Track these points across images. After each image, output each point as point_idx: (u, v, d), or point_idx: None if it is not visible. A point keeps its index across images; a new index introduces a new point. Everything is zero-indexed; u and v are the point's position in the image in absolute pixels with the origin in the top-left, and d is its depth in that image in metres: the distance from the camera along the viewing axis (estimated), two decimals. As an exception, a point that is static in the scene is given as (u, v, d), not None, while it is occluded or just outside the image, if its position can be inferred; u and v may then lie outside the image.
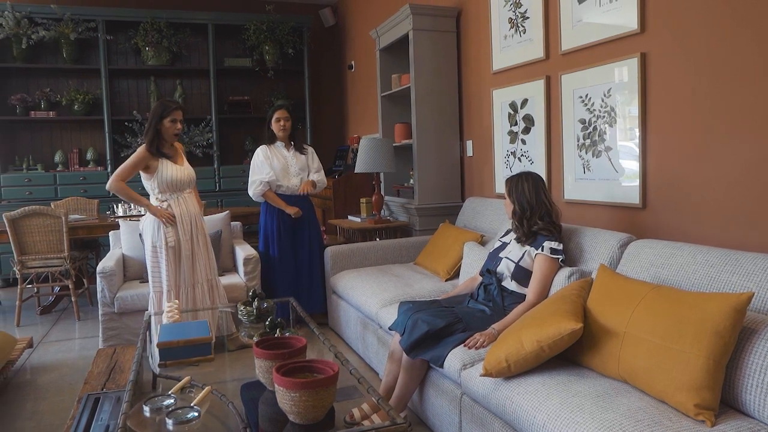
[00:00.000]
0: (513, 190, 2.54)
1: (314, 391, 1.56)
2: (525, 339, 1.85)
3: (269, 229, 3.93)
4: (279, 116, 3.87)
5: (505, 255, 2.58)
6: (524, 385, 1.83)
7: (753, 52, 2.16)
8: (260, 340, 1.91)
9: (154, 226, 3.09)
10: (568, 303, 1.96)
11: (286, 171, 3.85)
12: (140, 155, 3.07)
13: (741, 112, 2.23)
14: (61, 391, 3.05)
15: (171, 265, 3.09)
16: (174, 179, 3.11)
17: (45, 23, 5.52)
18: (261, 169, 3.84)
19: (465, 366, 2.15)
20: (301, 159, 3.92)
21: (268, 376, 1.82)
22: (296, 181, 3.87)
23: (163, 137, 3.14)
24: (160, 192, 3.12)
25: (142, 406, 1.77)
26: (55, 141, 6.01)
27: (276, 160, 3.85)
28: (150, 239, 3.10)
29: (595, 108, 2.98)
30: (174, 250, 3.10)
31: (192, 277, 3.17)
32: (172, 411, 1.68)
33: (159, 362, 2.13)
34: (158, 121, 3.11)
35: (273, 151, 3.89)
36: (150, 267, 3.13)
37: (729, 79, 2.27)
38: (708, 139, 2.38)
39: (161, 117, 3.11)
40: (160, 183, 3.10)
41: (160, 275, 3.12)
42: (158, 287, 3.13)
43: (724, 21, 2.27)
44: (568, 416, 1.61)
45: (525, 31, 3.49)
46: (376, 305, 3.05)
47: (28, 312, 4.61)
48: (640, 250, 2.26)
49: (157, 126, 3.11)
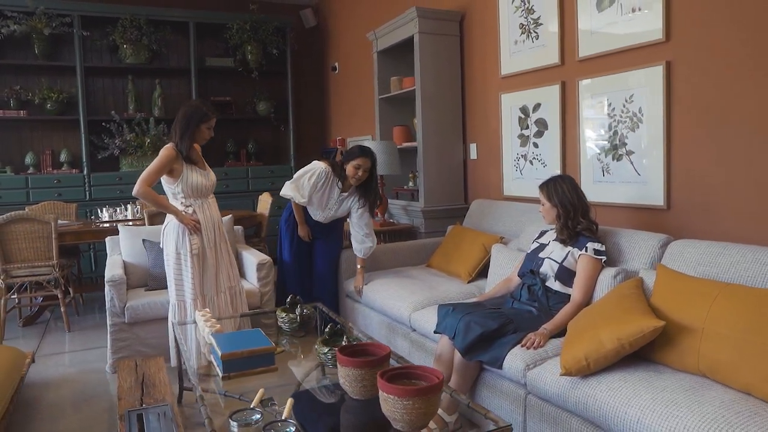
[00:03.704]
0: (553, 194, 2.60)
1: (426, 398, 1.55)
2: (604, 337, 1.91)
3: (286, 230, 3.77)
4: (360, 164, 3.36)
5: (546, 256, 2.64)
6: (605, 383, 1.88)
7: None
8: (342, 347, 1.88)
9: (178, 232, 2.97)
10: (635, 301, 2.03)
11: (323, 209, 3.57)
12: (168, 157, 2.91)
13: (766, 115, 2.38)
14: (79, 408, 2.88)
15: (196, 273, 2.98)
16: (200, 184, 3.00)
17: (16, 17, 5.18)
18: (301, 189, 3.47)
19: (529, 366, 2.19)
20: (345, 206, 3.57)
21: (357, 384, 1.79)
22: (322, 215, 3.60)
23: (195, 142, 3.01)
24: (185, 197, 3.00)
25: (228, 420, 1.71)
26: (26, 142, 5.65)
27: (321, 194, 3.51)
28: (174, 246, 2.98)
29: (615, 113, 3.10)
30: (198, 258, 2.99)
31: (216, 284, 3.06)
32: (270, 425, 1.63)
33: (222, 374, 2.05)
34: (197, 125, 2.94)
35: (327, 184, 3.49)
36: (173, 275, 3.00)
37: (753, 84, 2.42)
38: (732, 141, 2.53)
39: (201, 121, 2.94)
40: (186, 188, 2.97)
41: (183, 283, 3.00)
42: (182, 296, 3.00)
43: (748, 30, 2.42)
44: (663, 410, 1.67)
45: (538, 36, 3.58)
46: (408, 309, 3.04)
47: (9, 324, 4.31)
48: (682, 249, 2.37)
49: (195, 130, 2.95)
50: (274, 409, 1.80)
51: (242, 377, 2.07)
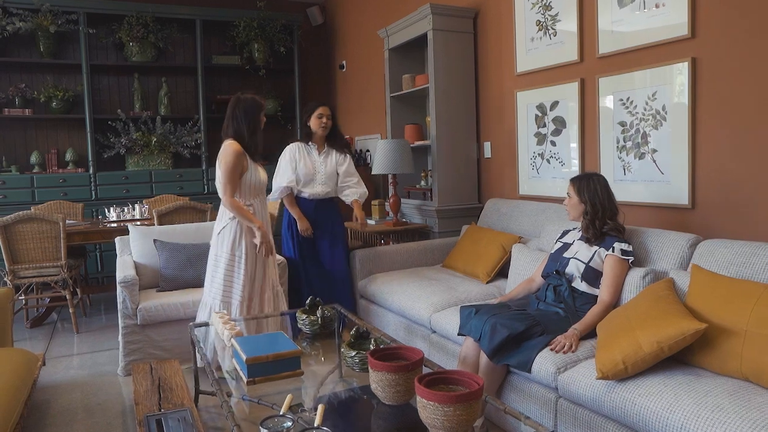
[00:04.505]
0: (584, 190, 2.55)
1: (468, 404, 1.50)
2: (642, 340, 1.85)
3: (288, 233, 3.77)
4: (322, 112, 3.57)
5: (571, 256, 2.59)
6: (644, 387, 1.83)
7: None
8: (373, 351, 1.82)
9: (236, 233, 2.90)
10: (672, 303, 1.97)
11: (312, 178, 3.61)
12: (237, 155, 2.80)
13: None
14: (92, 413, 2.82)
15: (247, 276, 2.91)
16: (260, 182, 2.95)
17: (21, 14, 5.10)
18: (284, 172, 3.59)
19: (560, 369, 2.13)
20: (330, 165, 3.66)
21: (390, 389, 1.73)
22: (320, 189, 3.64)
23: (256, 134, 2.95)
24: (247, 196, 2.92)
25: (259, 428, 1.65)
26: (31, 141, 5.57)
27: (303, 164, 3.60)
28: (229, 247, 2.89)
29: (637, 111, 3.05)
30: (253, 260, 2.93)
31: (263, 284, 3.02)
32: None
33: (247, 379, 1.99)
34: (254, 118, 2.88)
35: (302, 153, 3.64)
36: (222, 275, 2.91)
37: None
38: (761, 140, 2.47)
39: (259, 111, 2.90)
40: (249, 186, 2.89)
41: (233, 285, 2.92)
42: (228, 297, 2.92)
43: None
44: (710, 416, 1.61)
45: (555, 33, 3.52)
46: (428, 310, 2.99)
47: (16, 325, 4.24)
48: (713, 249, 2.32)
49: (255, 122, 2.89)
50: (304, 415, 1.73)
51: (267, 382, 2.01)
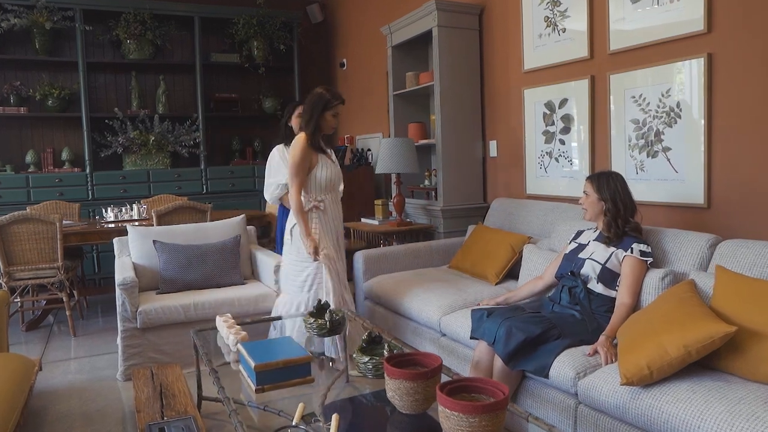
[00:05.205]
0: (604, 187, 2.48)
1: (494, 414, 1.42)
2: (668, 344, 1.78)
3: None
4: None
5: (587, 257, 2.51)
6: (671, 393, 1.76)
7: None
8: (389, 358, 1.74)
9: (318, 233, 2.87)
10: (697, 305, 1.90)
11: (333, 177, 3.47)
12: (304, 149, 2.78)
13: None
14: (91, 420, 2.73)
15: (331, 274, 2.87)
16: (331, 178, 2.90)
17: (16, 10, 5.00)
18: (278, 170, 3.53)
19: (579, 374, 2.06)
20: None
21: (408, 398, 1.65)
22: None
23: (322, 131, 2.89)
24: (317, 192, 2.87)
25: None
26: (26, 140, 5.46)
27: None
28: None
29: (650, 108, 2.98)
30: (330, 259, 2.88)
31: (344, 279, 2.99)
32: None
33: (256, 387, 1.91)
34: (321, 113, 2.83)
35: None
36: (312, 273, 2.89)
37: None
38: (788, 138, 2.41)
39: (325, 108, 2.83)
40: (318, 182, 2.85)
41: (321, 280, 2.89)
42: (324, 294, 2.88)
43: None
44: (744, 425, 1.54)
45: (564, 30, 3.45)
46: (437, 313, 2.91)
47: (11, 328, 4.13)
48: (735, 250, 2.25)
49: (319, 118, 2.84)
50: (318, 425, 1.65)
51: (276, 389, 1.92)
